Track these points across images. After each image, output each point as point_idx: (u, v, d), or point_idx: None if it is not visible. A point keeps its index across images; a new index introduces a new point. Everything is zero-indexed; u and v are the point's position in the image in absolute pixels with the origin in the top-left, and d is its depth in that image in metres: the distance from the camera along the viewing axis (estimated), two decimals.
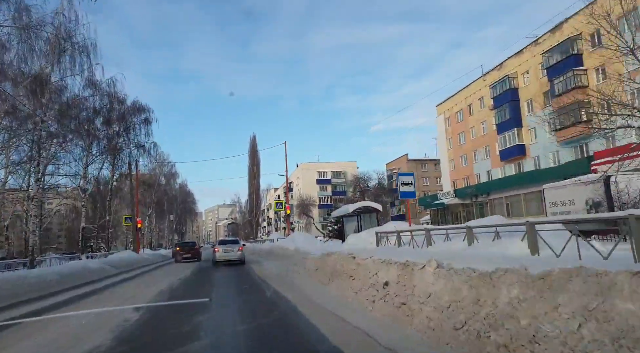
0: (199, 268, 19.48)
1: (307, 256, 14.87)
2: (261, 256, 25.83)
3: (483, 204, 39.03)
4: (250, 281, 12.38)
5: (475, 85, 41.43)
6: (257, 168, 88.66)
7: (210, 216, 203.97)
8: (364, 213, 20.79)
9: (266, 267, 16.87)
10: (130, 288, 11.89)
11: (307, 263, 13.31)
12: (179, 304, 8.02)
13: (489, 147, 39.67)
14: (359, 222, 21.58)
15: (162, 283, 12.22)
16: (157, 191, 55.68)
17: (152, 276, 16.65)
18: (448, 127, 47.29)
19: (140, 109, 31.41)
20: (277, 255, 24.04)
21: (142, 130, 32.37)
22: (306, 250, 21.66)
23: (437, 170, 73.60)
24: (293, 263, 16.32)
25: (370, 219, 21.03)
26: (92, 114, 27.61)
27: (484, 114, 40.18)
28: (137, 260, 27.30)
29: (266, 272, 14.56)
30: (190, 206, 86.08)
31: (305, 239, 27.52)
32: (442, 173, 49.44)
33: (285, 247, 25.72)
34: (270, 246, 28.33)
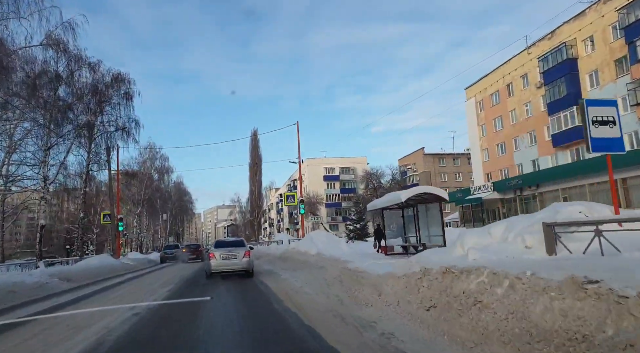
0: (185, 280, 13.43)
1: (365, 275, 8.90)
2: (273, 264, 19.80)
3: (530, 198, 33.03)
4: (280, 329, 5.66)
5: (516, 60, 35.46)
6: (259, 164, 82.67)
7: (209, 217, 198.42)
8: (422, 202, 14.77)
9: (290, 285, 10.79)
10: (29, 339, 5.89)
11: (384, 287, 7.25)
12: None
13: (535, 132, 33.69)
14: (416, 216, 15.54)
15: (96, 327, 6.13)
16: (148, 187, 49.60)
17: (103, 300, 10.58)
18: (480, 112, 41.30)
19: (119, 79, 25.36)
20: (295, 262, 18.13)
21: (122, 108, 26.32)
22: (336, 256, 15.86)
23: (455, 165, 67.75)
24: (334, 280, 10.29)
25: (430, 212, 15.02)
26: (54, 81, 21.54)
27: (528, 94, 34.20)
28: (111, 268, 21.23)
29: (297, 298, 8.28)
30: (186, 205, 79.94)
31: (328, 240, 21.61)
32: (473, 165, 43.44)
33: (303, 251, 19.82)
34: (282, 250, 22.30)
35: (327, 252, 19.19)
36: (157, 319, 6.79)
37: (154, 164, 52.56)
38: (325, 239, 21.47)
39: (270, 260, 22.04)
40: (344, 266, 12.15)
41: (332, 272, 12.29)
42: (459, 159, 67.35)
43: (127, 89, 25.72)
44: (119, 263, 24.43)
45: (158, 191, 54.27)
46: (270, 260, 22.22)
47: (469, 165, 67.67)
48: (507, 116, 37.20)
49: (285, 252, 21.25)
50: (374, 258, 16.00)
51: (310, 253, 19.56)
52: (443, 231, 14.32)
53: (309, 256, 19.10)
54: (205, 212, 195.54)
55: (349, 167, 75.73)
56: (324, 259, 16.93)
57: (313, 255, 19.07)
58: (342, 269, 11.65)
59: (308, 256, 19.02)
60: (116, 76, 25.11)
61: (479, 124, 41.57)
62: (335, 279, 10.49)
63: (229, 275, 13.51)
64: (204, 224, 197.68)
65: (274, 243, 35.52)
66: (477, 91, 41.53)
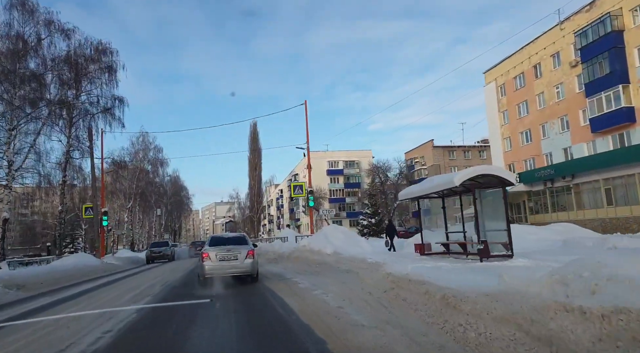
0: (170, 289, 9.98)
1: (455, 294, 5.46)
2: (281, 265, 16.41)
3: (563, 190, 29.67)
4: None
5: (546, 38, 32.01)
6: (259, 158, 79.24)
7: (207, 214, 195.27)
8: (481, 187, 11.30)
9: (319, 302, 7.19)
10: None
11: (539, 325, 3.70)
12: None
13: (568, 117, 30.28)
14: (479, 204, 12.06)
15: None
16: (140, 180, 46.13)
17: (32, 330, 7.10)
18: (502, 98, 37.87)
19: (99, 49, 21.80)
20: (309, 263, 14.84)
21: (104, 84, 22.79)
22: (358, 256, 12.72)
23: (466, 158, 64.30)
24: (383, 294, 6.91)
25: (487, 200, 11.63)
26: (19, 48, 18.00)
27: (560, 74, 30.78)
28: (86, 270, 17.83)
29: (353, 340, 4.76)
30: (183, 201, 76.42)
31: (345, 237, 18.33)
32: (493, 155, 40.03)
33: (317, 250, 16.52)
34: (290, 249, 18.89)
35: (346, 251, 15.95)
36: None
37: (147, 155, 49.10)
38: (342, 236, 18.15)
39: (277, 259, 18.64)
40: (386, 272, 8.81)
41: (370, 280, 8.92)
42: (470, 152, 63.97)
43: (110, 62, 22.20)
44: (99, 263, 21.05)
45: (152, 184, 50.79)
46: (276, 259, 18.82)
47: (480, 158, 64.41)
48: (533, 101, 33.78)
49: (294, 251, 17.87)
50: (411, 259, 12.70)
51: (326, 252, 16.31)
52: (508, 226, 10.96)
53: (325, 255, 15.80)
54: (203, 209, 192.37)
55: (354, 161, 72.29)
56: (345, 260, 13.63)
57: (329, 255, 15.82)
58: (387, 276, 8.28)
59: (323, 256, 15.72)
60: (96, 45, 21.61)
61: (499, 111, 38.14)
62: (384, 292, 7.12)
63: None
64: (202, 221, 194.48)
65: (277, 240, 32.11)
66: (497, 74, 38.08)
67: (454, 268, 9.26)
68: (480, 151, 63.95)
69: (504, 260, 10.47)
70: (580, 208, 28.22)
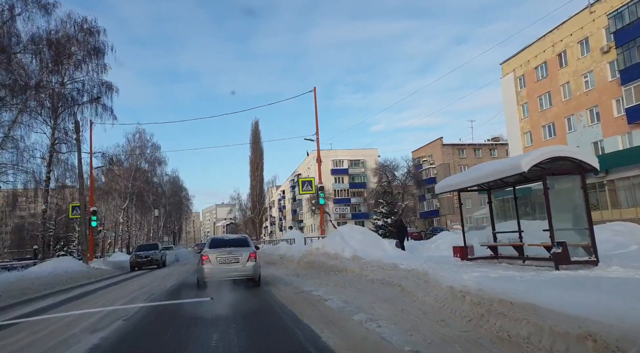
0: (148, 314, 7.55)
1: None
2: (292, 272, 13.94)
3: (595, 187, 27.22)
4: None
5: (572, 23, 29.61)
6: (260, 157, 76.82)
7: (208, 216, 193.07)
8: (553, 174, 8.87)
9: (366, 329, 4.79)
10: None
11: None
12: None
13: (599, 107, 27.87)
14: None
15: None
16: (137, 179, 43.74)
17: None
18: (521, 90, 35.46)
19: (84, 28, 19.41)
20: (328, 270, 12.52)
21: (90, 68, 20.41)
22: (386, 261, 10.69)
23: (477, 157, 61.83)
24: (470, 325, 4.33)
25: (562, 190, 9.24)
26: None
27: (589, 62, 28.38)
28: (65, 277, 15.42)
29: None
30: (182, 202, 74.01)
31: (364, 238, 15.95)
32: (511, 151, 37.57)
33: (333, 253, 14.14)
34: (301, 252, 16.43)
35: (368, 255, 13.57)
36: None
37: (145, 153, 46.68)
38: (361, 237, 15.72)
39: (286, 265, 16.21)
40: (448, 286, 6.40)
41: (427, 297, 6.50)
42: (480, 150, 61.54)
43: (96, 43, 19.80)
44: (85, 268, 18.62)
45: (149, 184, 48.38)
46: (285, 265, 16.38)
47: (491, 156, 61.95)
48: (557, 92, 31.38)
49: (306, 254, 15.43)
50: (454, 265, 10.37)
51: (344, 256, 13.95)
52: (590, 224, 8.56)
53: (344, 260, 13.41)
54: (204, 211, 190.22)
55: (359, 160, 69.86)
56: (371, 266, 11.24)
57: (349, 259, 13.47)
58: (460, 295, 5.84)
59: (342, 261, 13.34)
60: (80, 23, 19.23)
61: (518, 104, 35.74)
62: (468, 322, 4.68)
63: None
64: (202, 223, 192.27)
65: (282, 242, 29.68)
66: (516, 64, 35.68)
67: (534, 280, 6.86)
68: (491, 149, 61.51)
69: (590, 268, 8.07)
70: (615, 206, 25.79)
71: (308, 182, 21.61)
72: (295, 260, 15.83)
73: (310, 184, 21.47)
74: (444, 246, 16.62)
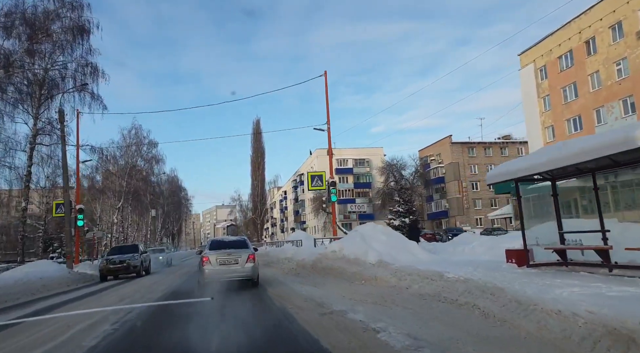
0: None
1: None
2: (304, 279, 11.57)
3: (631, 185, 24.84)
4: None
5: (602, 7, 27.31)
6: (262, 157, 74.61)
7: (208, 218, 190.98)
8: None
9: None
10: None
11: None
12: None
13: (634, 97, 25.55)
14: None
15: None
16: (132, 176, 41.43)
17: None
18: (542, 82, 33.14)
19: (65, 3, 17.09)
20: (350, 278, 10.24)
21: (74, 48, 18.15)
22: (421, 267, 9.21)
23: (487, 155, 59.52)
24: None
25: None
26: None
27: (622, 48, 26.06)
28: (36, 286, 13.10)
29: None
30: (181, 202, 71.68)
31: (389, 239, 13.67)
32: (531, 146, 35.21)
33: (353, 257, 11.98)
34: (313, 256, 14.06)
35: (396, 259, 11.37)
36: None
37: (141, 150, 44.35)
38: (385, 238, 13.46)
39: (296, 270, 13.85)
40: (553, 310, 4.07)
41: (545, 331, 4.15)
42: (491, 149, 59.19)
43: (80, 20, 17.49)
44: (66, 273, 16.25)
45: (145, 182, 46.05)
46: (295, 270, 14.03)
47: (502, 155, 59.60)
48: (584, 82, 29.05)
49: (320, 258, 13.08)
50: (514, 274, 8.15)
51: (368, 260, 11.68)
52: None
53: (368, 266, 11.14)
54: (204, 212, 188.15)
55: (364, 159, 67.53)
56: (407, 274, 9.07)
57: (374, 265, 11.22)
58: (588, 328, 3.50)
59: (367, 267, 11.07)
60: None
61: (539, 97, 33.41)
62: None
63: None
64: (202, 224, 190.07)
65: (287, 244, 27.34)
66: (537, 54, 33.37)
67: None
68: (502, 148, 59.16)
69: None
70: None
71: (318, 176, 19.30)
72: (307, 265, 13.48)
73: (320, 179, 19.16)
74: (481, 249, 14.25)
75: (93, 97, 22.69)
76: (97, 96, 22.74)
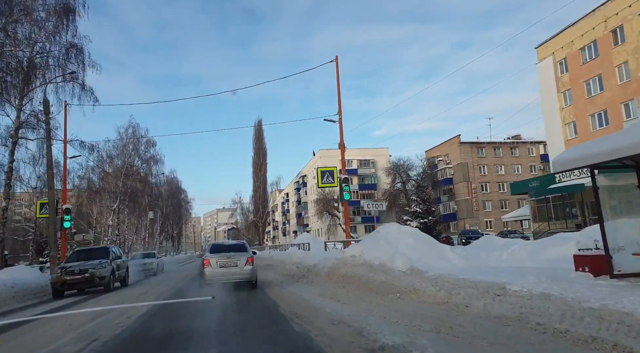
0: None
1: None
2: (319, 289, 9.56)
3: None
4: None
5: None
6: (264, 157, 72.68)
7: (209, 221, 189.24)
8: None
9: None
10: None
11: None
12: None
13: None
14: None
15: None
16: (128, 177, 39.53)
17: None
18: (562, 75, 31.25)
19: None
20: (379, 290, 8.28)
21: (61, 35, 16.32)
22: (499, 284, 6.56)
23: (497, 155, 57.47)
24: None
25: None
26: None
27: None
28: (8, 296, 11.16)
29: None
30: (181, 204, 69.71)
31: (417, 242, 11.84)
32: (550, 145, 33.29)
33: (377, 264, 10.25)
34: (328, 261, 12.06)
35: (429, 266, 9.66)
36: None
37: (138, 150, 42.43)
38: (412, 240, 11.57)
39: (310, 279, 11.88)
40: None
41: None
42: (500, 149, 57.18)
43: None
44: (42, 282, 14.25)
45: (143, 183, 44.14)
46: (308, 278, 12.07)
47: (512, 156, 57.64)
48: (611, 74, 27.16)
49: (338, 265, 11.12)
50: (604, 285, 6.17)
51: (395, 267, 9.77)
52: None
53: (399, 275, 9.21)
54: (205, 215, 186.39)
55: (369, 159, 65.62)
56: (456, 286, 7.04)
57: (404, 273, 9.31)
58: None
59: (398, 277, 9.15)
60: None
61: (559, 91, 31.51)
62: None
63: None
64: (203, 228, 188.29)
65: (292, 248, 25.42)
66: (556, 47, 31.49)
67: None
68: (512, 148, 57.18)
69: None
70: None
71: (329, 172, 17.35)
72: (322, 273, 11.54)
73: (331, 176, 17.23)
74: (522, 254, 12.25)
75: (83, 88, 20.92)
76: (87, 87, 20.99)
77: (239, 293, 9.64)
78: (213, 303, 7.88)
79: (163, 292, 11.60)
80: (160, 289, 12.81)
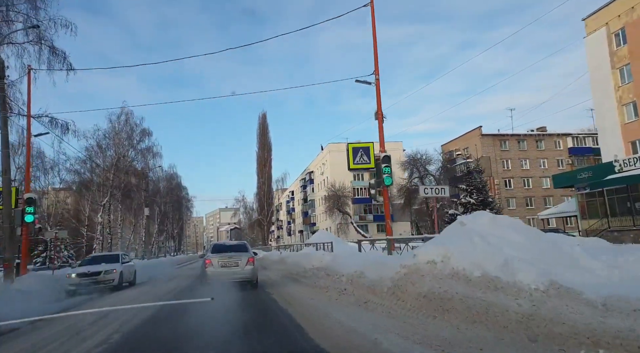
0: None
1: None
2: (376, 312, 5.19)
3: None
4: None
5: None
6: (269, 153, 68.51)
7: (212, 221, 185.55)
8: None
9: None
10: None
11: None
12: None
13: None
14: None
15: None
16: (120, 169, 35.47)
17: None
18: (618, 49, 26.96)
19: None
20: (499, 322, 3.49)
21: None
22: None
23: (521, 149, 53.07)
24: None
25: None
26: None
27: None
28: None
29: None
30: (181, 201, 65.61)
31: (528, 241, 7.73)
32: (601, 130, 28.96)
33: (477, 276, 5.93)
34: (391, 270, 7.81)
35: (569, 280, 4.95)
36: None
37: (132, 139, 38.32)
38: (521, 237, 7.38)
39: (355, 296, 7.66)
40: None
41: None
42: (525, 142, 52.86)
43: None
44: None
45: (137, 175, 40.04)
46: (350, 293, 7.83)
47: (537, 149, 53.30)
48: None
49: (410, 276, 6.89)
50: None
51: (518, 281, 5.77)
52: None
53: (531, 297, 5.14)
54: (207, 215, 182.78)
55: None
56: None
57: (544, 294, 5.08)
58: None
59: (532, 300, 4.96)
60: None
61: (614, 68, 27.21)
62: None
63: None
64: (205, 228, 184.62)
65: (307, 248, 21.28)
66: (611, 16, 27.19)
67: None
68: (537, 141, 52.82)
69: None
70: None
71: (363, 149, 13.38)
72: (379, 289, 7.27)
73: (366, 153, 13.22)
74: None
75: (53, 52, 16.79)
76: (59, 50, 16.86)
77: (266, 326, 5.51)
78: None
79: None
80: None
